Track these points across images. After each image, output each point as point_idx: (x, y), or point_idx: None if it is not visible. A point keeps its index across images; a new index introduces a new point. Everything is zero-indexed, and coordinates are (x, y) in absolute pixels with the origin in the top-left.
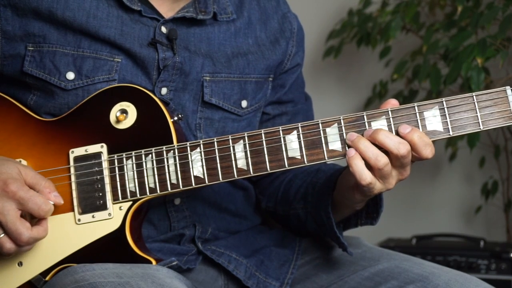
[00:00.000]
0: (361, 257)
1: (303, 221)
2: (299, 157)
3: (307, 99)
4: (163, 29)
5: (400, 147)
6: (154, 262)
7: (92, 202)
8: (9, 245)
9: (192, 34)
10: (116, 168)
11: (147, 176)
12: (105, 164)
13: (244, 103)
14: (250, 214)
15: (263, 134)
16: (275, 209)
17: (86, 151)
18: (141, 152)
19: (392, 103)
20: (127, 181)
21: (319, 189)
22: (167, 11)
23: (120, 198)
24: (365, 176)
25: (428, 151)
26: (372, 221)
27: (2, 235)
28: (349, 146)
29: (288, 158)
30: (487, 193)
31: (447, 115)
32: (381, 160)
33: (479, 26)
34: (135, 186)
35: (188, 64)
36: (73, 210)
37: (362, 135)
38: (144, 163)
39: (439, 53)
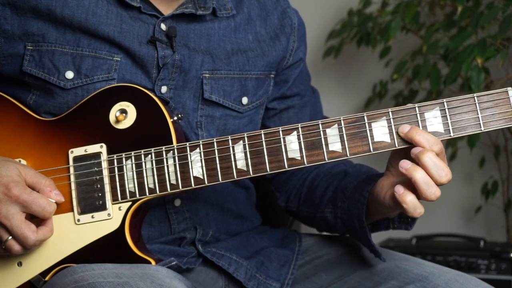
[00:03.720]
0: (361, 257)
1: (331, 225)
2: (299, 158)
3: (314, 92)
4: (163, 26)
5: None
6: (153, 262)
7: (91, 202)
8: (17, 247)
9: (192, 30)
10: (116, 168)
11: (146, 176)
12: (104, 164)
13: (244, 100)
14: (250, 214)
15: (262, 135)
16: (298, 209)
17: (85, 151)
18: (140, 152)
19: None
20: (126, 182)
21: (351, 195)
22: (166, 8)
23: (120, 199)
24: (419, 209)
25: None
26: (406, 226)
27: (10, 238)
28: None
29: (288, 159)
30: (487, 193)
31: (448, 116)
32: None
33: (479, 26)
34: (134, 186)
35: (187, 61)
36: (72, 210)
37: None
38: (143, 164)
39: (439, 53)
